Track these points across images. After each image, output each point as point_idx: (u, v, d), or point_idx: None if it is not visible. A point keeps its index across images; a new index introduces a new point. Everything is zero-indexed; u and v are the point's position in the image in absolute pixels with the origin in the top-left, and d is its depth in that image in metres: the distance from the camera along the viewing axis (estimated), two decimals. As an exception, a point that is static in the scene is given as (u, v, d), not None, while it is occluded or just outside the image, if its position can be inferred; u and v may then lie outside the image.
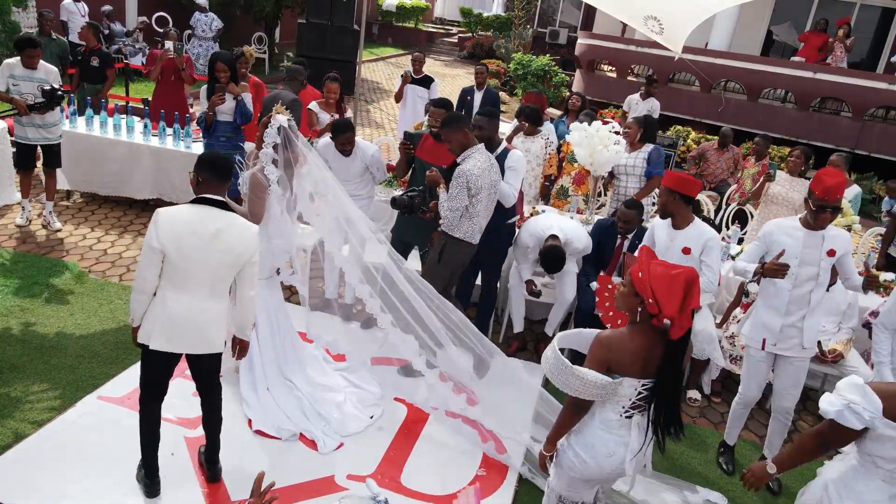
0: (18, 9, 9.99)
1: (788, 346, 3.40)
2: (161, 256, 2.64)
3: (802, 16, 13.50)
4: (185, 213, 2.68)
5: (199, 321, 2.74)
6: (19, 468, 3.00)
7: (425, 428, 3.68)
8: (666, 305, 2.22)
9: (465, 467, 3.40)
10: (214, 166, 2.75)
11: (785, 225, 3.38)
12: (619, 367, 2.33)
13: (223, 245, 2.68)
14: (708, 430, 4.10)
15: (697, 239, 3.63)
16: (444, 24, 27.05)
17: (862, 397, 2.07)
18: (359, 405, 3.73)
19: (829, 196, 3.17)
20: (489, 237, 4.33)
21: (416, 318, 3.57)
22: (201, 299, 2.73)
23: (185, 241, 2.62)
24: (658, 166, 5.28)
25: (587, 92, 13.75)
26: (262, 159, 3.36)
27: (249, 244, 2.76)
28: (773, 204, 5.42)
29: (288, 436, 3.43)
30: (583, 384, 2.32)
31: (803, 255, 3.28)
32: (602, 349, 2.36)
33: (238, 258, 2.74)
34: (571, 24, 19.99)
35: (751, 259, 3.46)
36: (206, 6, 11.85)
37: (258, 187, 3.35)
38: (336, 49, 12.05)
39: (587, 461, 2.45)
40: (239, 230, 2.74)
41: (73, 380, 3.67)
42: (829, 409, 2.11)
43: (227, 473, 3.12)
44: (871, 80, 10.80)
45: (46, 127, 5.32)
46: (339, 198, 3.59)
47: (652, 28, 7.70)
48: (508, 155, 4.14)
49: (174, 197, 5.98)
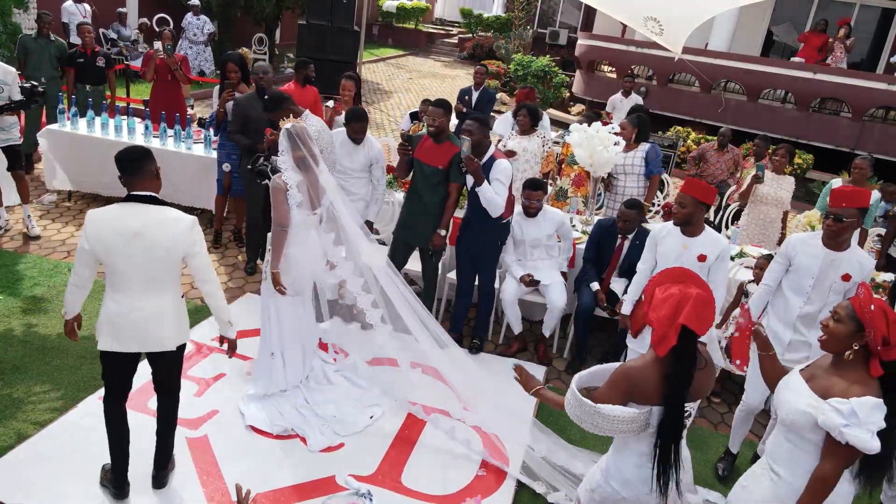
0: (19, 10, 10.01)
1: (797, 358, 3.30)
2: (92, 257, 2.66)
3: (802, 16, 13.52)
4: (110, 213, 2.65)
5: (134, 319, 2.71)
6: (22, 469, 3.02)
7: (426, 428, 3.69)
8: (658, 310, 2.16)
9: (465, 467, 3.41)
10: (120, 162, 2.67)
11: (807, 241, 3.32)
12: (642, 398, 2.21)
13: (148, 241, 2.63)
14: (707, 430, 4.11)
15: (713, 246, 3.57)
16: (444, 25, 27.08)
17: (882, 413, 2.03)
18: (358, 405, 3.74)
19: (833, 203, 3.13)
20: (482, 237, 4.35)
21: (413, 319, 3.60)
22: (136, 297, 2.70)
23: (109, 241, 2.61)
24: (657, 165, 5.30)
25: (587, 93, 13.80)
26: (281, 167, 3.45)
27: (179, 238, 2.69)
28: (762, 203, 5.44)
29: (279, 431, 3.46)
30: (610, 422, 2.20)
31: (819, 276, 3.24)
32: (624, 380, 2.23)
33: (169, 252, 2.68)
34: (571, 25, 20.01)
35: (774, 280, 3.43)
36: (198, 6, 11.67)
37: (277, 192, 3.44)
38: (336, 50, 12.08)
39: (627, 498, 2.33)
40: (166, 224, 2.68)
41: (75, 381, 3.68)
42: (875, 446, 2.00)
43: (230, 474, 3.14)
44: (871, 80, 10.81)
45: (6, 129, 5.16)
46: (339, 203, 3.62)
47: (652, 29, 7.72)
48: (494, 164, 4.15)
49: (175, 198, 5.97)
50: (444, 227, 4.32)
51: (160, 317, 2.77)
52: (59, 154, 5.93)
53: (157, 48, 6.66)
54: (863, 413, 2.02)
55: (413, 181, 4.43)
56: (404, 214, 4.52)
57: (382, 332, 3.62)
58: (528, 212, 4.45)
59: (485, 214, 4.22)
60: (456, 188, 4.30)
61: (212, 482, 3.09)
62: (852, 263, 3.21)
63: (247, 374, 3.89)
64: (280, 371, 3.69)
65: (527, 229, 4.50)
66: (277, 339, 3.68)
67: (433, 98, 4.69)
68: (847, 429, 2.02)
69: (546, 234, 4.52)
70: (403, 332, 3.64)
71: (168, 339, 2.81)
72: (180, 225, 2.70)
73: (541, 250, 4.58)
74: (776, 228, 5.51)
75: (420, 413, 3.71)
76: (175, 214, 2.72)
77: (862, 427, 2.01)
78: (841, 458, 2.09)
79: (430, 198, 4.31)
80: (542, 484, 3.33)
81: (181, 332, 2.87)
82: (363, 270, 3.61)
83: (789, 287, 3.38)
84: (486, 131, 4.27)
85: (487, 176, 4.12)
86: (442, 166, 4.23)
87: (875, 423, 2.00)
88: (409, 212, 4.46)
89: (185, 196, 5.96)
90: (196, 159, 5.80)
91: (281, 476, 3.18)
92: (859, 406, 2.03)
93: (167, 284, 2.78)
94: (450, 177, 4.25)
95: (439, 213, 4.32)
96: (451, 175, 4.24)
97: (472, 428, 3.68)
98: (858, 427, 2.01)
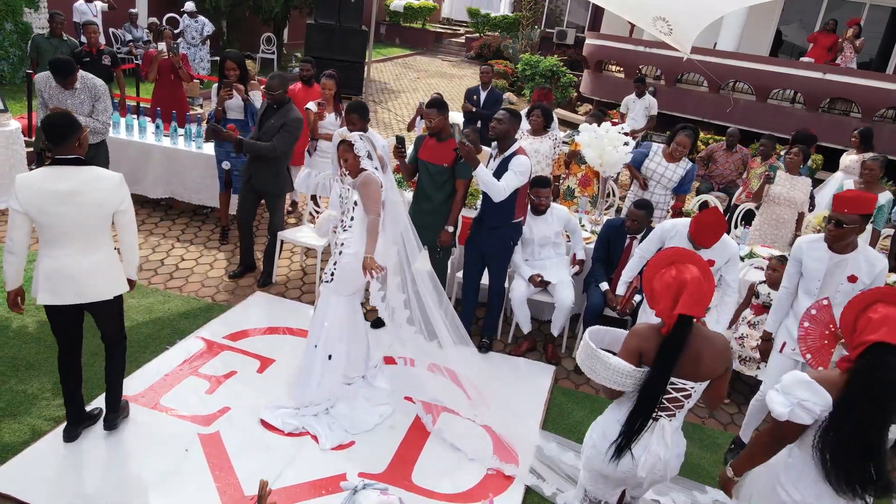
0: (30, 10, 10.09)
1: None
2: (25, 218, 2.83)
3: (811, 16, 13.45)
4: (40, 174, 2.82)
5: (71, 273, 2.91)
6: (36, 465, 3.05)
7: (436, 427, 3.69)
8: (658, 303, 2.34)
9: (475, 466, 3.42)
10: (46, 131, 2.85)
11: (812, 244, 3.35)
12: (648, 359, 2.36)
13: (83, 199, 2.83)
14: (717, 430, 4.10)
15: (724, 253, 3.61)
16: (451, 25, 27.08)
17: (811, 393, 2.09)
18: (369, 403, 3.76)
19: (835, 207, 3.15)
20: (493, 237, 4.35)
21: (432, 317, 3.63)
22: (74, 253, 2.91)
23: (42, 201, 2.78)
24: (688, 185, 5.28)
25: (594, 93, 13.78)
26: (367, 167, 3.49)
27: (111, 194, 2.91)
28: (775, 204, 5.40)
29: (291, 429, 3.47)
30: (608, 371, 2.34)
31: (825, 278, 3.27)
32: (634, 337, 2.40)
33: (101, 209, 2.89)
34: (579, 25, 20.00)
35: (791, 283, 3.47)
36: (195, 11, 11.57)
37: (372, 184, 3.45)
38: (344, 49, 12.11)
39: (602, 452, 2.45)
40: (98, 183, 2.88)
41: (87, 377, 3.67)
42: (781, 411, 2.13)
43: (242, 470, 3.16)
44: (881, 80, 10.74)
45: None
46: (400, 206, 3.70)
47: (660, 29, 7.71)
48: (514, 158, 4.16)
49: (186, 196, 6.03)
50: (452, 223, 4.34)
51: (95, 270, 2.97)
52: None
53: (160, 48, 6.70)
54: (786, 382, 2.16)
55: (419, 181, 4.44)
56: (412, 214, 4.52)
57: (408, 333, 3.64)
58: (539, 209, 4.48)
59: (498, 215, 4.23)
60: (463, 185, 4.31)
61: (224, 477, 3.11)
62: (859, 264, 3.22)
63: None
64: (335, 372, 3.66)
65: (535, 228, 4.53)
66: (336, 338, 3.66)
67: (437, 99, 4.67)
68: (770, 392, 2.20)
69: (554, 231, 4.57)
70: (430, 337, 3.67)
71: (105, 288, 3.03)
72: (110, 182, 2.92)
73: (549, 248, 4.60)
74: (789, 230, 5.46)
75: (429, 425, 3.68)
76: (103, 173, 2.94)
77: (780, 394, 2.15)
78: (773, 423, 2.23)
79: (437, 196, 4.32)
80: (551, 485, 3.33)
81: (117, 282, 3.09)
82: (403, 270, 3.64)
83: (801, 288, 3.43)
84: (515, 123, 4.27)
85: (507, 167, 4.12)
86: (447, 164, 4.24)
87: (796, 396, 2.11)
88: (417, 211, 4.46)
89: (195, 194, 6.00)
90: (205, 158, 5.83)
91: (292, 473, 3.20)
92: (787, 377, 2.18)
93: (100, 239, 2.98)
94: (456, 174, 4.26)
95: (447, 211, 4.33)
96: (457, 172, 4.25)
97: (482, 427, 3.69)
98: (777, 393, 2.17)
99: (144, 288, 4.79)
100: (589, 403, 4.11)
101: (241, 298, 4.84)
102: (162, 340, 4.16)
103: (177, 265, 5.27)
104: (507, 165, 4.12)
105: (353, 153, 3.50)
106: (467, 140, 3.97)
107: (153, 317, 4.42)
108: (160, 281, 4.96)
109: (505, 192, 4.06)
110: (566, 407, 4.07)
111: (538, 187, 4.46)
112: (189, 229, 5.97)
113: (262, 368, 4.01)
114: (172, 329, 4.31)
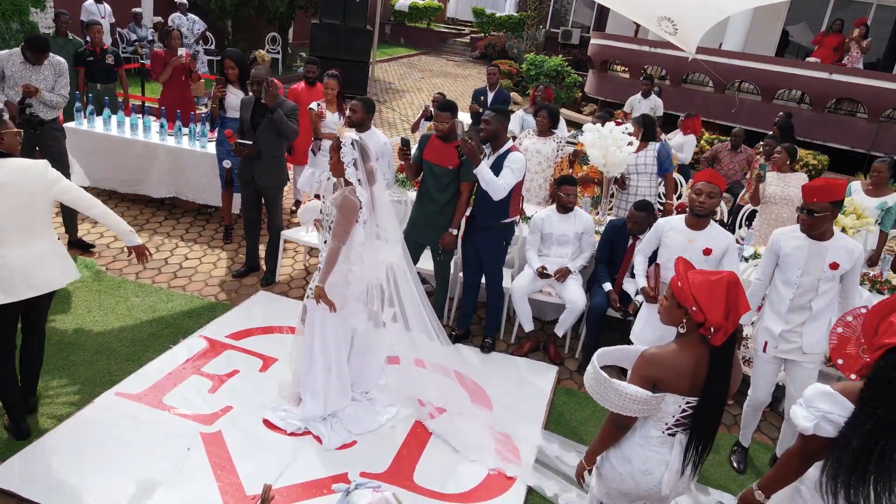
0: (36, 9, 10.13)
1: (788, 349, 3.43)
2: None
3: (818, 16, 13.40)
4: None
5: (18, 267, 2.88)
6: (39, 463, 3.06)
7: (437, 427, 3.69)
8: (710, 312, 2.17)
9: (477, 466, 3.41)
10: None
11: (789, 234, 3.39)
12: (665, 384, 2.26)
13: (11, 190, 2.81)
14: (720, 432, 4.09)
15: (720, 240, 3.62)
16: (456, 25, 27.04)
17: (833, 405, 2.04)
18: (371, 403, 3.76)
19: (805, 197, 3.20)
20: (486, 236, 4.35)
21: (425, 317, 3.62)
22: (14, 246, 2.88)
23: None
24: (668, 162, 5.34)
25: (599, 93, 13.76)
26: (351, 179, 3.32)
27: (38, 178, 2.89)
28: (773, 204, 5.38)
29: (293, 429, 3.47)
30: (622, 399, 2.24)
31: (805, 267, 3.29)
32: (647, 366, 2.28)
33: (34, 195, 2.88)
34: (584, 25, 19.96)
35: (766, 274, 3.50)
36: (185, 4, 11.22)
37: (349, 208, 3.25)
38: (349, 49, 12.14)
39: (623, 475, 2.38)
40: (24, 172, 2.86)
41: (91, 376, 3.73)
42: (806, 425, 2.07)
43: (243, 469, 3.17)
44: (888, 81, 10.69)
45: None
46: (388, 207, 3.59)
47: (666, 29, 7.69)
48: (509, 155, 4.16)
49: (190, 196, 6.04)
50: (456, 226, 4.33)
51: (42, 260, 2.95)
52: (77, 151, 5.99)
53: (180, 55, 6.69)
54: (808, 395, 2.09)
55: (423, 182, 4.44)
56: (415, 214, 4.53)
57: (393, 331, 3.63)
58: (566, 207, 4.55)
59: (489, 214, 4.24)
60: (467, 187, 4.31)
61: (226, 476, 3.12)
62: (839, 251, 3.26)
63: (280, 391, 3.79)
64: (336, 386, 3.57)
65: (557, 224, 4.58)
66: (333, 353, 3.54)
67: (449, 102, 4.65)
68: (794, 407, 2.12)
69: (575, 231, 4.62)
70: (412, 331, 3.65)
71: (56, 278, 3.00)
72: (35, 169, 2.90)
73: (566, 248, 4.63)
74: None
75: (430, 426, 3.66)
76: (27, 162, 2.91)
77: (803, 408, 2.09)
78: (799, 440, 2.16)
79: (441, 197, 4.32)
80: (553, 485, 3.32)
81: (67, 270, 3.07)
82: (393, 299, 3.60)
83: (780, 280, 3.43)
84: (504, 122, 4.28)
85: (501, 165, 4.13)
86: (452, 166, 4.24)
87: (819, 409, 2.05)
88: (420, 212, 4.47)
89: (199, 194, 6.01)
90: (209, 158, 5.84)
91: (294, 472, 3.20)
92: (809, 391, 2.11)
93: (41, 229, 2.96)
94: (461, 176, 4.26)
95: (450, 213, 4.33)
96: (462, 174, 4.25)
97: (484, 427, 3.68)
98: (801, 407, 2.10)
99: (148, 286, 4.81)
100: (591, 404, 4.10)
101: (244, 297, 4.85)
102: (165, 339, 4.17)
103: (180, 264, 5.28)
104: (501, 164, 4.13)
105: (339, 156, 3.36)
106: (469, 138, 3.98)
107: (156, 315, 4.44)
108: (164, 280, 4.98)
109: (505, 189, 4.09)
110: (569, 407, 4.06)
111: (566, 185, 4.56)
112: (193, 228, 5.98)
113: (264, 367, 4.02)
114: (175, 328, 4.32)
